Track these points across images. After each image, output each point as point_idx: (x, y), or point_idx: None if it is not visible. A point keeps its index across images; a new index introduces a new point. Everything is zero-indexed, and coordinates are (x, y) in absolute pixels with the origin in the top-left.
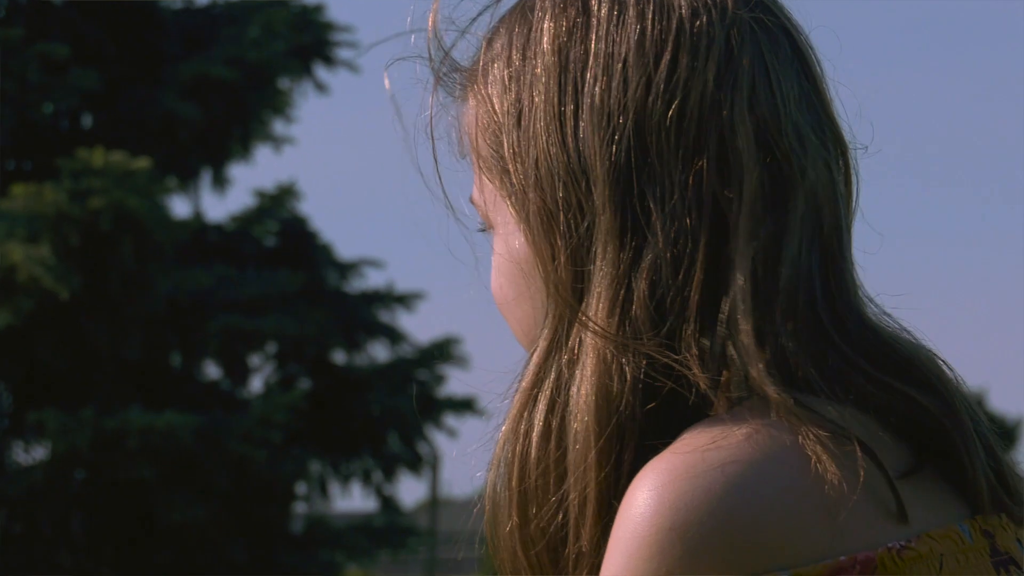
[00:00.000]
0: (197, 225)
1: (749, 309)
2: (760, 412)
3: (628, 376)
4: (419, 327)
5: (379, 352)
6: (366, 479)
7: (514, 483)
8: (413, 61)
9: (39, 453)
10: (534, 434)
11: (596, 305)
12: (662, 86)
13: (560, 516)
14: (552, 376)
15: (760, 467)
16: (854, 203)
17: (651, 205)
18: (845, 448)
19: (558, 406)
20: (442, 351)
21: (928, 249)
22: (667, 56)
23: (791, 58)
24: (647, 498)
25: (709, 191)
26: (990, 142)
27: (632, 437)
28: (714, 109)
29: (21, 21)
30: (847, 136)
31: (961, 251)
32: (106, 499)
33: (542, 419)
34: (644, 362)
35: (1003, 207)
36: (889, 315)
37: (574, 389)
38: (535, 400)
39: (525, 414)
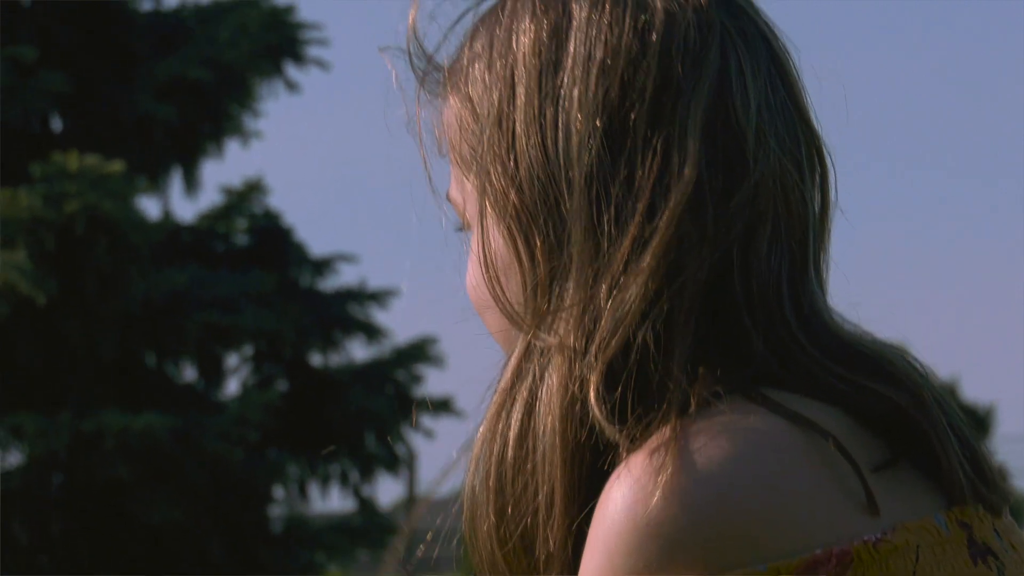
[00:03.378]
0: (170, 226)
1: (716, 311)
2: (731, 410)
3: (592, 379)
4: (394, 323)
5: (356, 350)
6: (344, 480)
7: (491, 483)
8: (393, 58)
9: (16, 457)
10: (511, 435)
11: (570, 310)
12: (634, 89)
13: (530, 517)
14: (529, 377)
15: (733, 463)
16: (830, 212)
17: (624, 208)
18: (816, 442)
19: (533, 407)
20: (419, 351)
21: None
22: (642, 59)
23: (767, 64)
24: (623, 496)
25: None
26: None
27: (597, 437)
28: (675, 113)
29: None
30: (824, 144)
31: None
32: (84, 500)
33: (519, 420)
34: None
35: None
36: (852, 322)
37: (543, 389)
38: (512, 401)
39: (503, 415)
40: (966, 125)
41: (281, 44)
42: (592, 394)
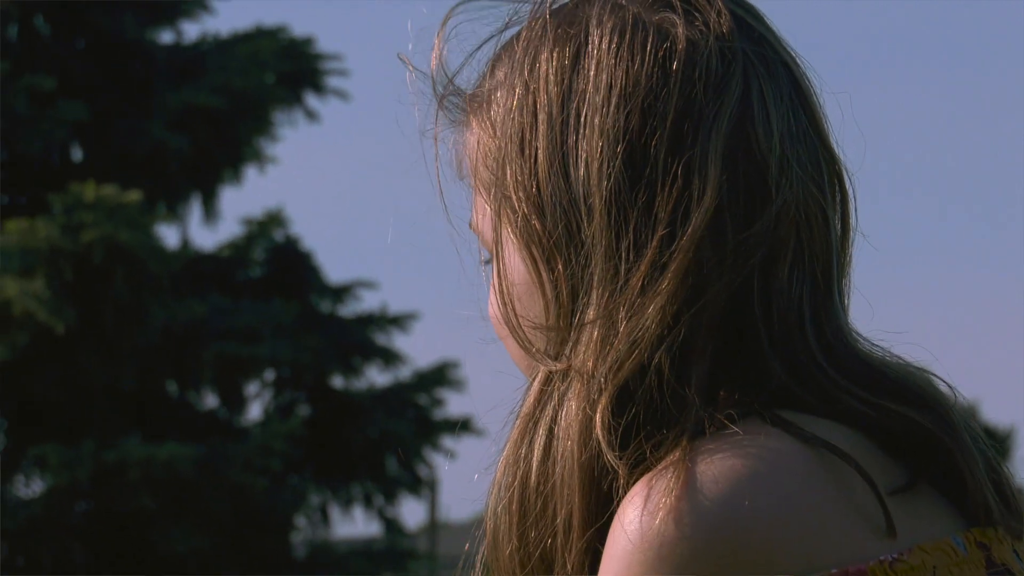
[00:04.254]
0: (189, 254)
1: (736, 337)
2: (746, 431)
3: (601, 401)
4: (415, 347)
5: (376, 375)
6: (367, 503)
7: (514, 507)
8: (415, 84)
9: (39, 486)
10: (534, 459)
11: (589, 334)
12: (655, 117)
13: (550, 540)
14: (552, 402)
15: (746, 483)
16: (851, 236)
17: (643, 233)
18: (832, 463)
19: (555, 431)
20: (440, 376)
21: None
22: (663, 87)
23: (789, 91)
24: (635, 517)
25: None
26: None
27: (627, 461)
28: (696, 140)
29: (8, 55)
30: (845, 168)
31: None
32: (107, 530)
33: (541, 445)
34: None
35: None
36: (878, 345)
37: (563, 414)
38: (535, 425)
39: (525, 439)
40: (991, 144)
41: (300, 73)
42: (598, 416)
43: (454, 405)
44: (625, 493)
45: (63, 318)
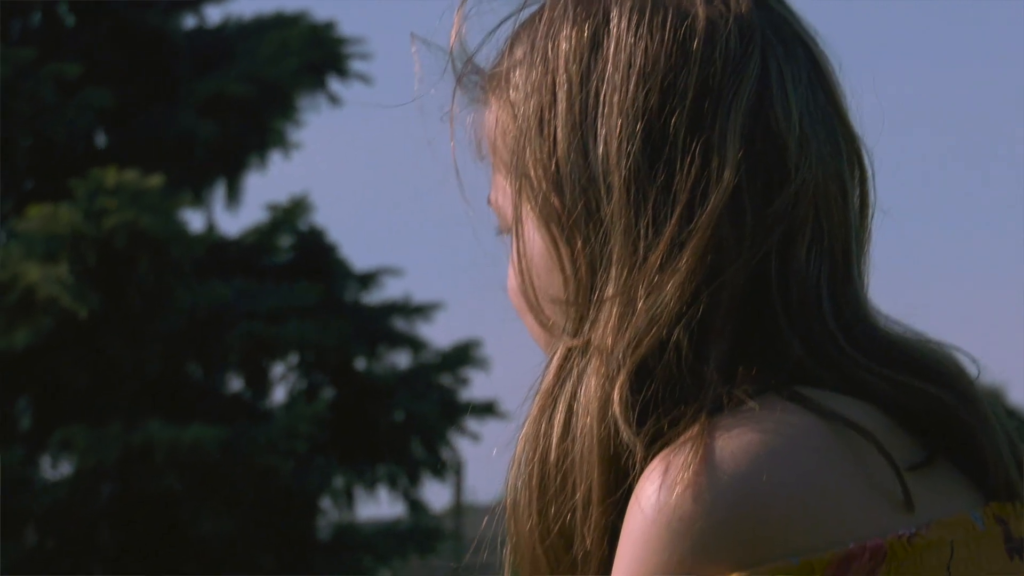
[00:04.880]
0: (214, 239)
1: (754, 315)
2: (764, 407)
3: (619, 378)
4: (439, 335)
5: (400, 360)
6: (391, 485)
7: (534, 483)
8: (434, 63)
9: (65, 469)
10: (553, 435)
11: (608, 311)
12: (675, 95)
13: (570, 515)
14: (571, 378)
15: (765, 458)
16: (869, 213)
17: (662, 211)
18: (850, 439)
19: (574, 407)
20: (464, 355)
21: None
22: (682, 66)
23: (808, 70)
24: (655, 491)
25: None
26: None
27: (643, 437)
28: (715, 119)
29: (34, 42)
30: (864, 146)
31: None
32: (134, 512)
33: (561, 421)
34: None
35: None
36: (898, 322)
37: (582, 390)
38: (555, 402)
39: (545, 415)
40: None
41: (324, 59)
42: (616, 392)
43: (479, 385)
44: (643, 469)
45: (87, 303)
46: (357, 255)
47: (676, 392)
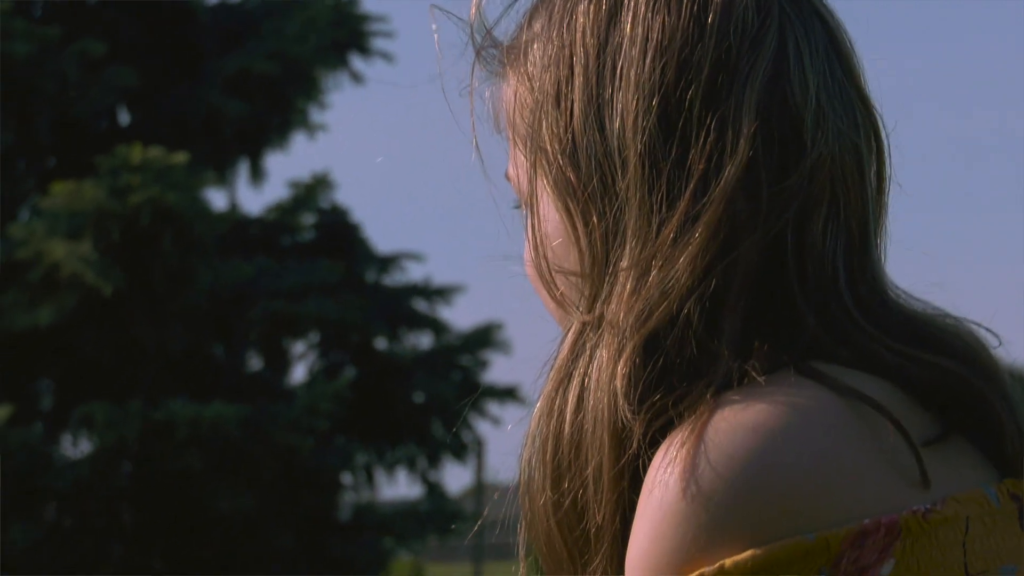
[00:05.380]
0: (236, 217)
1: (770, 290)
2: (779, 382)
3: (626, 351)
4: (460, 318)
5: (420, 342)
6: (411, 466)
7: (547, 458)
8: (455, 38)
9: (86, 446)
10: (567, 410)
11: (621, 285)
12: (691, 70)
13: (582, 490)
14: (586, 353)
15: (782, 433)
16: (886, 188)
17: (676, 185)
18: (865, 414)
19: (588, 382)
20: (484, 337)
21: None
22: (698, 40)
23: (825, 45)
24: (671, 467)
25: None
26: None
27: (646, 412)
28: (731, 93)
29: (58, 20)
30: (881, 121)
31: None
32: (154, 490)
33: (575, 395)
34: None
35: None
36: (921, 300)
37: (594, 364)
38: (569, 376)
39: (560, 390)
40: None
41: (347, 37)
42: (620, 366)
43: (500, 368)
44: (647, 445)
45: (111, 280)
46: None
47: (687, 367)
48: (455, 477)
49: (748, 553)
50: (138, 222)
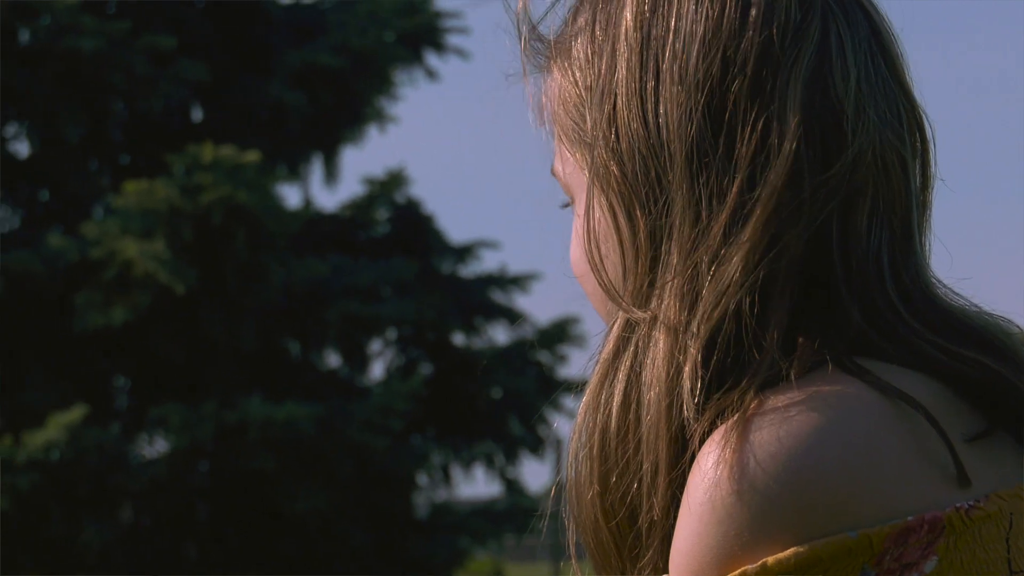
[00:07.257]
0: (309, 214)
1: (814, 284)
2: (825, 380)
3: (692, 350)
4: (535, 308)
5: (498, 334)
6: (489, 463)
7: (595, 452)
8: (504, 34)
9: (162, 446)
10: (614, 404)
11: (673, 283)
12: (735, 64)
13: (635, 485)
14: (631, 347)
15: (825, 432)
16: (931, 185)
17: (723, 181)
18: (908, 413)
19: (636, 377)
20: (561, 332)
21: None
22: (743, 34)
23: (868, 38)
24: (715, 464)
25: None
26: None
27: (701, 407)
28: (775, 87)
29: (128, 15)
30: (925, 116)
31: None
32: (229, 490)
33: (622, 389)
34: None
35: None
36: (961, 296)
37: (648, 360)
38: (615, 371)
39: (605, 384)
40: None
41: (419, 31)
42: (688, 366)
43: (577, 363)
44: (705, 441)
45: (184, 279)
46: (453, 228)
47: (739, 363)
48: (534, 474)
49: (791, 551)
50: (210, 221)
